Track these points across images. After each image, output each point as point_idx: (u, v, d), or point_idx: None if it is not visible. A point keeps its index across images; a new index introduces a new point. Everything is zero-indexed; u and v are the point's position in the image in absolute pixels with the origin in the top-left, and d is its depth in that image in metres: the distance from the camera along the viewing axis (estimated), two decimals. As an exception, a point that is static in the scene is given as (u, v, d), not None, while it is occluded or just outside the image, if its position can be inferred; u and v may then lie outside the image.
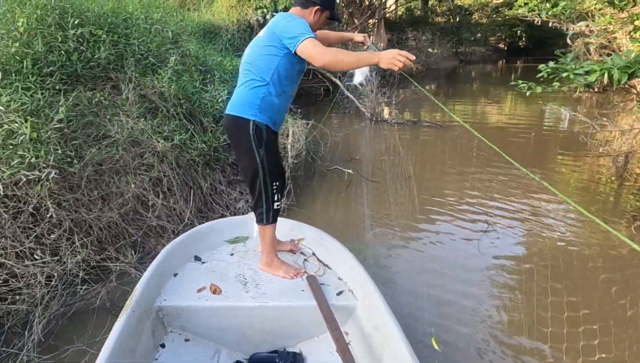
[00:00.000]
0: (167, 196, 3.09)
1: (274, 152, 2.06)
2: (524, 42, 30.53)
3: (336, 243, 2.29)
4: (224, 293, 1.95)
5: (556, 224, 3.71)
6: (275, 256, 2.17)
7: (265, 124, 1.95)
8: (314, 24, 1.99)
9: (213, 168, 3.59)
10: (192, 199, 3.24)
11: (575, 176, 4.97)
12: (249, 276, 2.11)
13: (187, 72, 3.85)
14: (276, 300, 1.93)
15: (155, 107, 3.37)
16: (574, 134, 7.23)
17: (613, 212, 3.97)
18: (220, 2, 6.88)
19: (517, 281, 2.85)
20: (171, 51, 3.87)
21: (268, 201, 2.07)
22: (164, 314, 1.86)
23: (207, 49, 4.74)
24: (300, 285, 2.06)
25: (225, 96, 3.76)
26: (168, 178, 3.12)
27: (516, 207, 4.02)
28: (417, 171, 5.00)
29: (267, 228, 2.12)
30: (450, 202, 4.10)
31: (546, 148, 6.74)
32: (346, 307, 1.93)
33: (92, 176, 2.77)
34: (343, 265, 2.17)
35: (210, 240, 2.40)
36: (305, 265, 2.24)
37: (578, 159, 5.67)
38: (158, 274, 1.97)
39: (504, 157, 1.73)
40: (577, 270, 3.02)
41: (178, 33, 4.37)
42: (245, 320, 1.90)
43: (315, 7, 1.97)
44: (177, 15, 5.21)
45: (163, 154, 3.13)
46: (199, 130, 3.56)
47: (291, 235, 2.51)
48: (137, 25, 3.68)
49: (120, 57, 3.35)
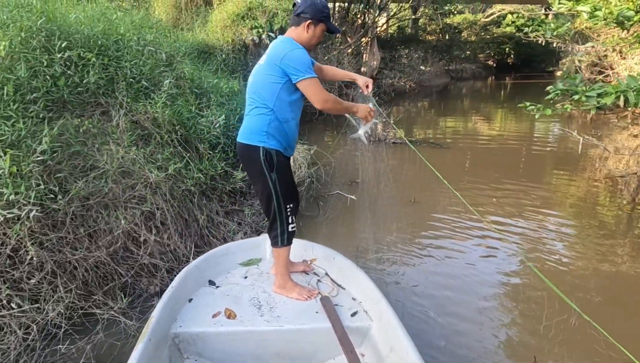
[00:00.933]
0: (161, 230, 2.85)
1: (286, 174, 2.09)
2: (512, 59, 31.09)
3: (349, 262, 2.29)
4: (239, 318, 1.97)
5: (551, 241, 3.65)
6: (288, 278, 2.17)
7: (275, 150, 2.01)
8: (310, 39, 2.03)
9: (210, 198, 3.37)
10: (187, 233, 3.01)
11: (582, 196, 4.82)
12: (263, 299, 2.13)
13: (182, 96, 3.65)
14: (291, 323, 1.93)
15: (148, 134, 3.16)
16: (571, 152, 7.18)
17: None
18: (214, 22, 6.74)
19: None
20: (165, 73, 3.68)
21: (283, 223, 2.10)
22: (180, 340, 1.88)
23: (202, 71, 4.56)
24: (314, 306, 2.06)
25: (222, 121, 3.56)
26: (161, 211, 2.89)
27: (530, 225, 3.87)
28: (420, 194, 4.83)
29: (281, 251, 2.14)
30: (455, 224, 3.91)
31: (542, 165, 6.72)
32: (361, 328, 1.92)
33: (78, 212, 2.53)
34: (357, 285, 2.17)
35: (223, 263, 2.42)
36: (318, 286, 2.25)
37: (580, 177, 5.53)
38: (173, 300, 1.98)
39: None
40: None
41: (172, 54, 4.19)
42: (260, 345, 1.90)
43: (306, 21, 1.99)
44: (171, 36, 5.05)
45: (156, 185, 2.91)
46: (195, 158, 3.35)
47: (304, 256, 2.52)
48: (129, 47, 3.49)
49: (110, 81, 3.15)
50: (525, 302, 2.81)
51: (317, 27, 2.02)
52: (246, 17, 6.68)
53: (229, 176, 3.60)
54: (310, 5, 1.99)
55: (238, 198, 3.68)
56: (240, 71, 6.42)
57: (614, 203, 4.60)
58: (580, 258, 3.41)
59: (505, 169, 6.24)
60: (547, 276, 3.15)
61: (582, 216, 4.28)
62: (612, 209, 4.44)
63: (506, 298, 2.88)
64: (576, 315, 2.50)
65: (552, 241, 3.69)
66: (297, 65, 1.91)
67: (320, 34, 2.05)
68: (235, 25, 6.66)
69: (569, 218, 4.25)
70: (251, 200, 3.73)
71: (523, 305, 2.78)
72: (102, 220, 2.61)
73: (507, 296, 2.91)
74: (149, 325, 1.73)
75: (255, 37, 6.65)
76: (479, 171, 6.20)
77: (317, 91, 1.92)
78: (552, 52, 26.25)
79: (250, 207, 3.61)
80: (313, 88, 1.92)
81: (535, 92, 19.10)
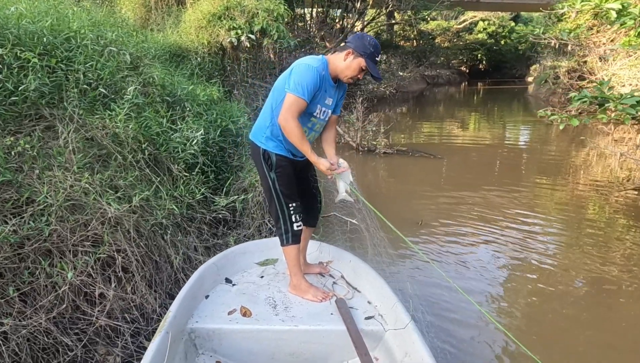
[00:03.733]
0: (123, 280, 2.21)
1: (286, 175, 2.11)
2: (484, 65, 31.63)
3: (365, 266, 2.29)
4: (254, 316, 1.99)
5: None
6: (302, 279, 2.20)
7: (273, 152, 2.08)
8: (345, 69, 2.01)
9: (186, 231, 2.74)
10: (158, 280, 2.37)
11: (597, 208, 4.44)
12: (279, 299, 2.15)
13: (151, 106, 3.01)
14: (305, 324, 1.94)
15: (107, 155, 2.52)
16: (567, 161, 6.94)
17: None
18: (188, 22, 6.08)
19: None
20: (129, 78, 3.04)
21: (286, 222, 2.14)
22: (196, 336, 1.90)
23: (174, 76, 3.93)
24: (329, 308, 2.08)
25: (201, 136, 2.94)
26: (124, 254, 2.24)
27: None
28: (428, 213, 4.34)
29: (288, 249, 2.17)
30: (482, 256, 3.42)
31: (525, 171, 6.66)
32: (376, 332, 1.92)
33: (7, 266, 1.87)
34: (372, 289, 2.16)
35: (240, 262, 2.45)
36: (334, 288, 2.26)
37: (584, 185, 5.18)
38: (190, 296, 2.00)
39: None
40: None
41: (139, 56, 3.55)
42: (274, 344, 1.91)
43: (348, 49, 2.00)
44: (139, 36, 4.38)
45: (117, 220, 2.27)
46: (168, 182, 2.72)
47: (320, 257, 2.56)
48: (83, 46, 2.84)
49: (58, 88, 2.50)
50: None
51: (355, 60, 1.99)
52: (223, 17, 6.05)
53: (210, 203, 2.98)
54: (359, 39, 2.00)
55: (221, 228, 3.06)
56: (218, 76, 5.79)
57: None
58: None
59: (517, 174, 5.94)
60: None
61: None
62: None
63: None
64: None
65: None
66: (295, 78, 1.94)
67: (356, 68, 2.00)
68: (212, 26, 6.02)
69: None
70: (238, 229, 3.11)
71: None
72: (42, 273, 1.95)
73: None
74: (166, 319, 1.75)
75: (233, 39, 6.03)
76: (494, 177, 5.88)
77: (287, 108, 1.92)
78: (523, 59, 26.84)
79: (236, 237, 3.00)
80: (287, 103, 1.93)
81: (506, 98, 19.40)
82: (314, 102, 2.00)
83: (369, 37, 2.02)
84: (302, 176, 2.24)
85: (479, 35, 28.71)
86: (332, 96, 2.10)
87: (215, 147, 3.40)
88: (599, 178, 5.84)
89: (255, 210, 3.08)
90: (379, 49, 2.01)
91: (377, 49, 2.00)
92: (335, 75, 2.05)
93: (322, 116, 2.09)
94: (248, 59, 6.61)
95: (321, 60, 2.01)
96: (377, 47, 2.00)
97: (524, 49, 25.46)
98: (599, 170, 6.29)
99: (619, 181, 5.54)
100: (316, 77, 1.94)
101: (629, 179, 5.59)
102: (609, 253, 3.49)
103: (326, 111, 2.10)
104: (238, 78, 6.54)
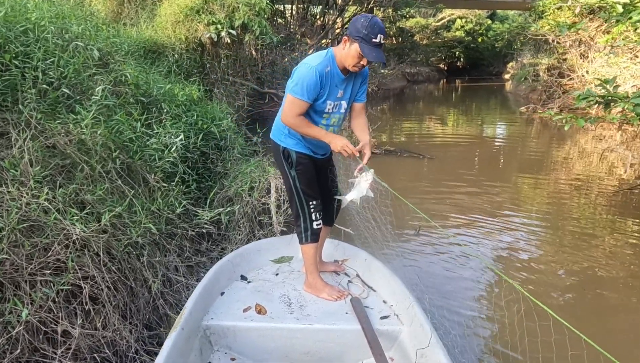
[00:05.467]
0: (91, 313, 1.89)
1: (306, 173, 2.12)
2: (462, 62, 31.94)
3: (381, 265, 2.28)
4: (269, 314, 1.99)
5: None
6: (318, 278, 2.19)
7: (293, 150, 2.10)
8: (345, 57, 1.93)
9: (166, 249, 2.43)
10: (134, 309, 2.06)
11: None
12: (294, 297, 2.15)
13: (123, 108, 2.68)
14: (320, 323, 1.94)
15: (72, 165, 2.18)
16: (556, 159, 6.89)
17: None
18: (164, 17, 5.69)
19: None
20: (98, 77, 2.70)
21: (306, 220, 2.14)
22: (211, 332, 1.91)
23: (150, 74, 3.58)
24: (344, 307, 2.07)
25: (181, 142, 2.63)
26: (92, 282, 1.93)
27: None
28: (424, 219, 4.14)
29: (306, 248, 2.17)
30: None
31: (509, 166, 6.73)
32: (391, 332, 1.91)
33: (-56, 305, 1.54)
34: (388, 288, 2.15)
35: (256, 259, 2.45)
36: (349, 287, 2.25)
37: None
38: (206, 293, 2.01)
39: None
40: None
41: (109, 52, 3.20)
42: (289, 342, 1.91)
43: (345, 37, 1.92)
44: (109, 30, 4.01)
45: (83, 242, 1.95)
46: (143, 194, 2.40)
47: (335, 256, 2.54)
48: (43, 40, 2.49)
49: (12, 88, 2.15)
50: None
51: (352, 47, 1.88)
52: (202, 11, 5.69)
53: (192, 216, 2.68)
54: (353, 22, 1.89)
55: (205, 244, 2.75)
56: (197, 74, 5.44)
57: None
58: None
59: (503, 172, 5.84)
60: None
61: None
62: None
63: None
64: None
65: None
66: (295, 79, 1.94)
67: (354, 55, 1.88)
68: (189, 21, 5.65)
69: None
70: (223, 243, 2.81)
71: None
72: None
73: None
74: (182, 316, 1.76)
75: (213, 35, 5.68)
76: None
77: (287, 109, 1.95)
78: (500, 56, 27.18)
79: (221, 252, 2.71)
80: (287, 104, 1.95)
81: (485, 95, 19.60)
82: (322, 100, 1.96)
83: (364, 17, 1.86)
84: (321, 175, 2.24)
85: (456, 33, 28.95)
86: (345, 88, 2.03)
87: (197, 152, 3.08)
88: (600, 173, 5.82)
89: (243, 222, 2.79)
90: (377, 28, 1.83)
91: (374, 30, 1.82)
92: (342, 66, 1.96)
93: (335, 110, 2.06)
94: (229, 55, 6.27)
95: (325, 56, 1.95)
96: (373, 28, 1.82)
97: (500, 46, 25.76)
98: (600, 166, 6.31)
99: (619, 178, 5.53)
100: (315, 77, 1.89)
101: (615, 175, 5.62)
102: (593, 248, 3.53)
103: (339, 103, 2.05)
104: (218, 76, 6.19)
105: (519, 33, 18.45)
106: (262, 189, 2.95)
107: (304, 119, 1.95)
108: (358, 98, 2.15)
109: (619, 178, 5.62)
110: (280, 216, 2.83)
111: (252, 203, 2.86)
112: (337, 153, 2.01)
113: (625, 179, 5.51)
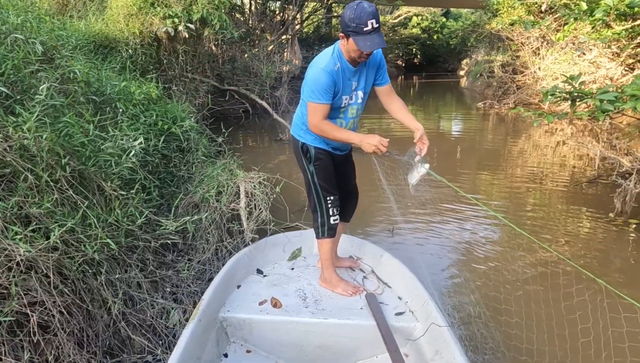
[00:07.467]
0: (41, 345, 1.66)
1: (324, 168, 2.13)
2: (419, 59, 32.59)
3: (396, 261, 2.28)
4: (284, 307, 2.02)
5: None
6: (333, 273, 2.20)
7: (312, 145, 2.11)
8: (348, 52, 1.91)
9: (126, 265, 2.20)
10: (92, 334, 1.84)
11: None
12: (309, 291, 2.17)
13: (72, 108, 2.41)
14: (335, 317, 1.94)
15: (13, 175, 1.91)
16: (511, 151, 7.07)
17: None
18: (115, 9, 5.31)
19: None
20: (42, 74, 2.41)
21: (323, 215, 2.16)
22: (227, 324, 1.95)
23: (102, 70, 3.28)
24: (359, 302, 2.07)
25: (140, 145, 2.39)
26: (42, 309, 1.69)
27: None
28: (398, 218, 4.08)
29: (322, 242, 2.19)
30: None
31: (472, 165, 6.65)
32: (406, 329, 1.91)
33: None
34: (403, 285, 2.15)
35: (272, 253, 2.48)
36: (364, 283, 2.26)
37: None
38: (223, 285, 2.06)
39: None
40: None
41: (54, 47, 2.89)
42: (303, 336, 1.93)
43: (341, 33, 1.91)
44: (53, 22, 3.66)
45: (29, 263, 1.70)
46: (99, 205, 2.15)
47: (351, 252, 2.54)
48: (-26, 32, 2.19)
49: (-64, 87, 1.86)
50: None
51: (349, 42, 1.85)
52: (157, 3, 5.36)
53: (155, 226, 2.45)
54: (342, 17, 1.86)
55: (170, 255, 2.53)
56: (153, 70, 5.13)
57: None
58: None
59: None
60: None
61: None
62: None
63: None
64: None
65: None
66: (308, 85, 1.94)
67: (354, 49, 1.85)
68: (143, 14, 5.31)
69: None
70: (190, 254, 2.60)
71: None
72: None
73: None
74: (199, 307, 1.80)
75: (169, 29, 5.38)
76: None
77: (312, 116, 1.95)
78: (454, 53, 27.96)
79: (188, 264, 2.50)
80: (311, 112, 1.95)
81: (442, 91, 20.01)
82: (337, 96, 1.95)
83: (349, 9, 1.78)
84: (340, 171, 2.24)
85: (413, 30, 29.46)
86: (358, 79, 2.01)
87: (157, 155, 2.85)
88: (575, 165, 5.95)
89: (211, 230, 2.59)
90: (365, 15, 1.74)
91: (362, 19, 1.74)
92: (350, 59, 1.94)
93: (352, 100, 2.04)
94: (187, 51, 5.97)
95: (332, 54, 1.93)
96: (360, 17, 1.74)
97: (455, 43, 26.44)
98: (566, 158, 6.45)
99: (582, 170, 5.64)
100: (326, 78, 1.88)
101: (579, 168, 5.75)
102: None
103: (355, 94, 2.04)
104: (177, 72, 5.89)
105: (472, 30, 19.02)
106: (231, 194, 2.75)
107: (329, 123, 1.96)
108: (381, 82, 2.10)
109: (582, 169, 5.70)
110: (251, 222, 2.65)
111: (221, 209, 2.67)
112: (372, 153, 1.92)
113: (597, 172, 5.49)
